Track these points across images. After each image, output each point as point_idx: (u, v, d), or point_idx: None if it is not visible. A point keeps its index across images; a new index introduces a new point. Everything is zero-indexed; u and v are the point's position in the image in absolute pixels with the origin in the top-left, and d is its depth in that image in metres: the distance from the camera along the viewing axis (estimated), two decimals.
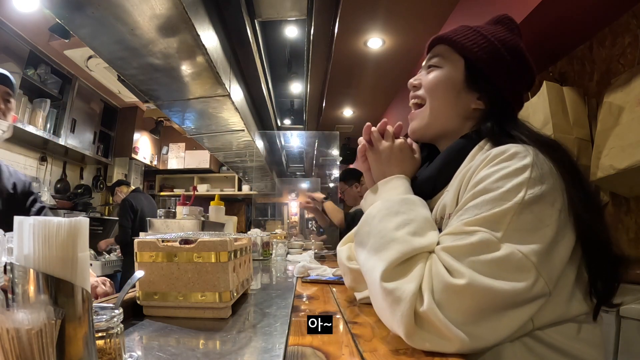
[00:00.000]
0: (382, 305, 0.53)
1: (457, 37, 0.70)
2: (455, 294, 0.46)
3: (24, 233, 0.30)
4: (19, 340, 0.28)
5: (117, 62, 1.52)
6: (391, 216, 0.58)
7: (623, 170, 1.45)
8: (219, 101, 1.98)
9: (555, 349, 0.52)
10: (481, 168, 0.56)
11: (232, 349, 0.53)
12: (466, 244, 0.49)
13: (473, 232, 0.49)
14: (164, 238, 0.69)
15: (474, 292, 0.45)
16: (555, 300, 0.51)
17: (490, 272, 0.46)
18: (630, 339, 1.25)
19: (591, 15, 1.67)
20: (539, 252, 0.48)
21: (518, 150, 0.54)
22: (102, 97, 4.04)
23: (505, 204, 0.50)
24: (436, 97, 0.70)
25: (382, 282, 0.51)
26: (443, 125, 0.71)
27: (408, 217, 0.57)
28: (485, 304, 0.46)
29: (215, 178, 5.58)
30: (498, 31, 0.70)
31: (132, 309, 0.69)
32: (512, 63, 0.68)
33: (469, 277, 0.46)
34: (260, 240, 1.96)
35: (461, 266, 0.47)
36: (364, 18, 2.62)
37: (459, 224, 0.52)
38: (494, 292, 0.45)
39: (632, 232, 1.64)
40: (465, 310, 0.46)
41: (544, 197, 0.50)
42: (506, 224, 0.48)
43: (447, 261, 0.49)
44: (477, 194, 0.53)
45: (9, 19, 2.66)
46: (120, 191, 3.49)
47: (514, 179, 0.51)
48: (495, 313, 0.47)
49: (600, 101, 1.68)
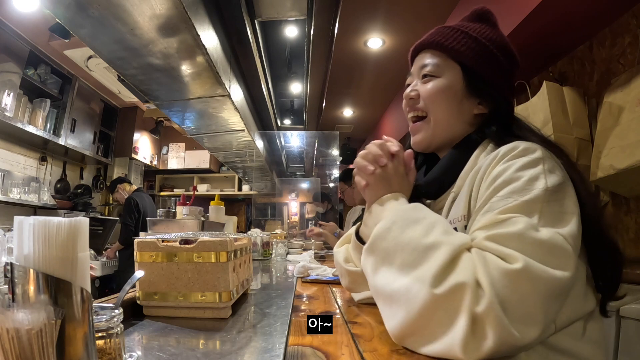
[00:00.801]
0: (434, 320, 0.44)
1: (448, 43, 0.69)
2: (515, 281, 0.42)
3: (24, 233, 0.30)
4: (19, 340, 0.28)
5: (117, 62, 1.52)
6: (412, 225, 0.51)
7: (623, 170, 1.45)
8: (219, 101, 1.98)
9: (563, 352, 0.52)
10: (493, 166, 0.56)
11: (232, 349, 0.53)
12: (510, 231, 0.46)
13: (509, 218, 0.48)
14: (164, 238, 0.69)
15: (531, 277, 0.43)
16: (572, 297, 0.51)
17: (540, 256, 0.44)
18: (630, 339, 1.25)
19: (591, 15, 1.67)
20: (573, 235, 0.48)
21: (527, 146, 0.55)
22: (102, 97, 4.04)
23: (531, 191, 0.49)
24: (439, 108, 0.69)
25: (432, 290, 0.44)
26: (448, 134, 0.70)
27: (430, 220, 0.52)
28: (543, 291, 0.43)
29: (215, 178, 5.58)
30: (483, 29, 0.69)
31: (132, 309, 0.69)
32: (504, 61, 0.68)
33: (523, 260, 0.43)
34: (260, 240, 1.96)
35: (512, 251, 0.44)
36: (364, 18, 2.62)
37: (491, 215, 0.50)
38: (548, 277, 0.43)
39: (632, 232, 1.64)
40: (527, 300, 0.42)
41: (562, 186, 0.52)
42: (539, 210, 0.48)
43: (496, 249, 0.46)
44: (498, 187, 0.52)
45: (9, 19, 2.66)
46: (123, 189, 3.46)
47: (531, 169, 0.52)
48: (550, 300, 0.44)
49: (600, 101, 1.68)
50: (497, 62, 0.68)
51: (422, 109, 0.71)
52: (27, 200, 3.16)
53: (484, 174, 0.57)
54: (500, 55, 0.68)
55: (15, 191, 3.06)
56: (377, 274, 0.53)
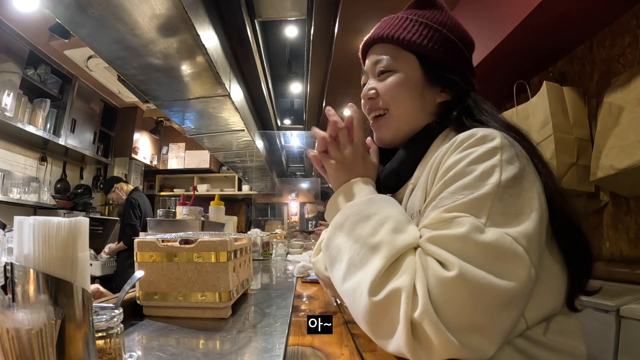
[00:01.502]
0: (379, 326, 0.44)
1: (400, 34, 0.65)
2: (450, 288, 0.41)
3: (24, 233, 0.30)
4: (19, 340, 0.28)
5: (117, 62, 1.52)
6: (362, 221, 0.50)
7: (623, 170, 1.45)
8: (219, 101, 1.98)
9: (544, 346, 0.50)
10: (448, 155, 0.52)
11: (232, 349, 0.53)
12: (452, 232, 0.44)
13: (454, 218, 0.45)
14: (164, 238, 0.69)
15: (467, 285, 0.40)
16: (546, 293, 0.49)
17: (481, 261, 0.41)
18: (630, 339, 1.25)
19: (591, 15, 1.67)
20: (527, 235, 0.44)
21: (485, 133, 0.51)
22: (102, 97, 4.04)
23: (482, 187, 0.46)
24: (400, 103, 0.65)
25: (371, 298, 0.43)
26: (412, 127, 0.66)
27: (381, 216, 0.50)
28: (483, 300, 0.40)
29: (215, 178, 5.58)
30: (433, 14, 0.67)
31: (132, 309, 0.69)
32: (460, 43, 0.66)
33: (459, 267, 0.41)
34: (260, 240, 1.96)
35: (451, 256, 0.42)
36: (364, 18, 2.62)
37: (437, 213, 0.47)
38: (488, 285, 0.40)
39: (632, 232, 1.64)
40: (464, 309, 0.40)
41: (520, 178, 0.47)
42: (488, 208, 0.45)
43: (436, 252, 0.43)
44: (449, 181, 0.49)
45: (9, 19, 2.66)
46: (120, 188, 3.39)
47: (486, 161, 0.48)
48: (493, 311, 0.41)
49: (600, 101, 1.68)
50: (453, 46, 0.65)
51: (383, 107, 0.67)
52: (27, 200, 3.16)
53: (439, 164, 0.53)
54: (454, 38, 0.66)
55: (15, 191, 3.06)
56: (332, 271, 0.53)
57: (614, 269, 1.61)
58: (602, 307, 1.33)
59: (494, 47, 1.86)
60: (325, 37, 2.16)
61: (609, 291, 1.43)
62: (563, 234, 0.53)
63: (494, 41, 1.85)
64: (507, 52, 1.90)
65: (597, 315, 1.34)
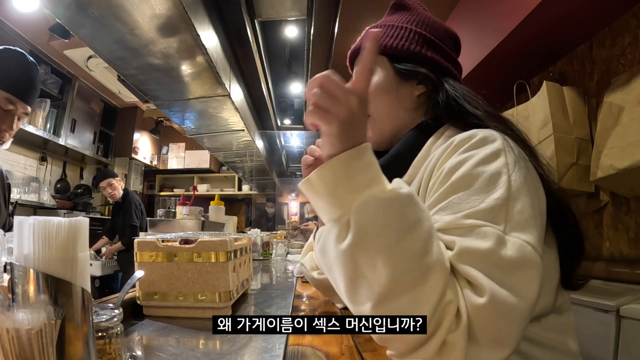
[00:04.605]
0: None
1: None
2: (482, 315, 0.40)
3: (24, 233, 0.30)
4: (19, 340, 0.28)
5: (117, 62, 1.52)
6: (410, 230, 0.40)
7: (623, 170, 1.45)
8: (219, 101, 1.98)
9: (537, 343, 0.50)
10: (447, 156, 0.51)
11: (232, 349, 0.53)
12: (478, 248, 0.42)
13: (475, 227, 0.43)
14: (164, 238, 0.69)
15: (498, 310, 0.39)
16: (546, 290, 0.49)
17: (508, 276, 0.41)
18: (630, 339, 1.25)
19: (591, 15, 1.67)
20: (540, 239, 0.44)
21: (485, 134, 0.50)
22: (102, 97, 4.04)
23: (494, 191, 0.45)
24: (378, 104, 0.67)
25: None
26: (395, 125, 0.68)
27: (425, 228, 0.42)
28: (510, 319, 0.40)
29: (215, 178, 5.58)
30: (401, 16, 0.71)
31: (132, 309, 0.69)
32: (424, 32, 0.68)
33: (489, 292, 0.40)
34: (260, 240, 1.96)
35: (479, 274, 0.41)
36: (364, 18, 2.62)
37: (453, 218, 0.45)
38: (517, 305, 0.40)
39: (632, 232, 1.64)
40: (492, 330, 0.40)
41: (525, 178, 0.47)
42: (505, 213, 0.44)
43: (465, 271, 0.42)
44: (456, 184, 0.47)
45: (9, 19, 2.66)
46: (118, 183, 3.22)
47: (492, 163, 0.47)
48: (518, 326, 0.41)
49: (600, 101, 1.68)
50: (416, 36, 0.67)
51: None
52: (27, 200, 3.16)
53: (435, 165, 0.53)
54: (421, 30, 0.68)
55: (15, 191, 3.06)
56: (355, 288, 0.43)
57: (614, 269, 1.61)
58: (602, 307, 1.33)
59: (494, 47, 1.86)
60: (325, 37, 2.16)
61: (609, 291, 1.43)
62: (554, 214, 0.52)
63: (494, 41, 1.85)
64: (507, 52, 1.90)
65: (597, 315, 1.34)
